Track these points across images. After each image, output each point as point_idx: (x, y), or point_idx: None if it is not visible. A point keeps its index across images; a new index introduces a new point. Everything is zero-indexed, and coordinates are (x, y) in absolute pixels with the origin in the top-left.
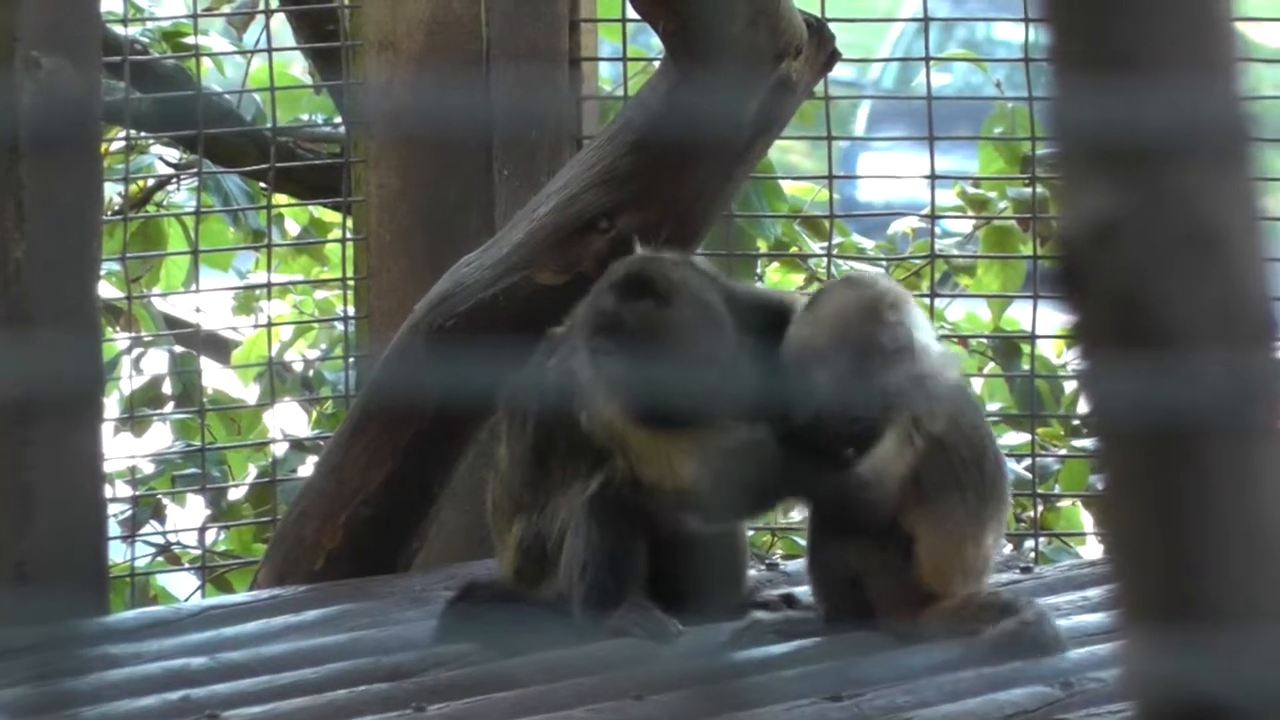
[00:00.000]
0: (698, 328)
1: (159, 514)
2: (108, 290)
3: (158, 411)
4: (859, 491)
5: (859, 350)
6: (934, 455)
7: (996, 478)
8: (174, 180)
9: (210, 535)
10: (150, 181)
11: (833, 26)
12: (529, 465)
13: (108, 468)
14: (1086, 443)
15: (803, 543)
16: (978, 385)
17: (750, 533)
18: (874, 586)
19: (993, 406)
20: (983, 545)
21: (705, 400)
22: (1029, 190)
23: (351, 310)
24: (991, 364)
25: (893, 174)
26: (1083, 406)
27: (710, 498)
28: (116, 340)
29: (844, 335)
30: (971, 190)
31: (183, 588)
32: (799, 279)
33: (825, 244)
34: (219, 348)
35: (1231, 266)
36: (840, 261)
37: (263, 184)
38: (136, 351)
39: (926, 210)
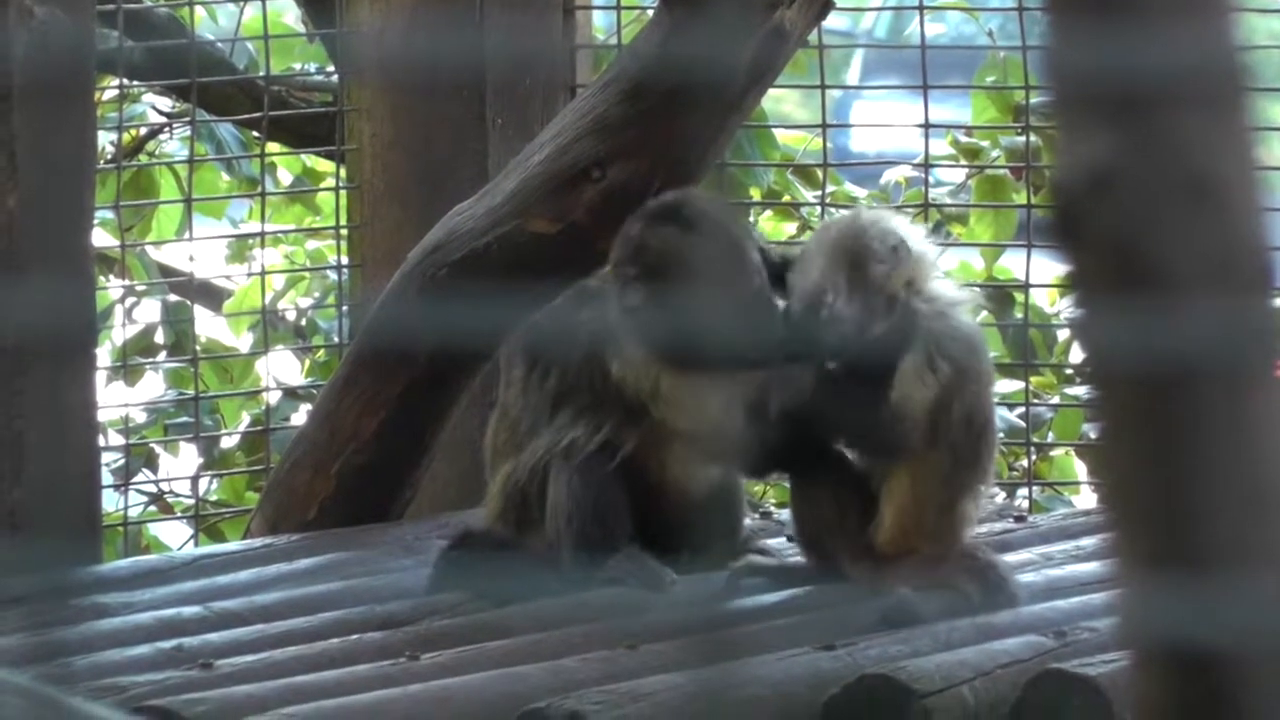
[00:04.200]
0: (721, 258)
1: (151, 463)
2: (101, 239)
3: (150, 360)
4: (891, 426)
5: (853, 262)
6: (940, 396)
7: (980, 447)
8: (167, 129)
9: (203, 484)
10: (143, 130)
11: None
12: (545, 413)
13: (100, 417)
14: (1080, 391)
15: None
16: None
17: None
18: (836, 541)
19: None
20: (953, 511)
21: (730, 335)
22: (1021, 139)
23: (344, 259)
24: (985, 313)
25: (885, 123)
26: (1076, 355)
27: (741, 442)
28: (109, 289)
29: (836, 256)
30: (964, 139)
31: (175, 537)
32: (792, 227)
33: (818, 193)
34: (212, 296)
35: (1228, 214)
36: (833, 210)
37: (255, 133)
38: (129, 300)
39: (919, 159)
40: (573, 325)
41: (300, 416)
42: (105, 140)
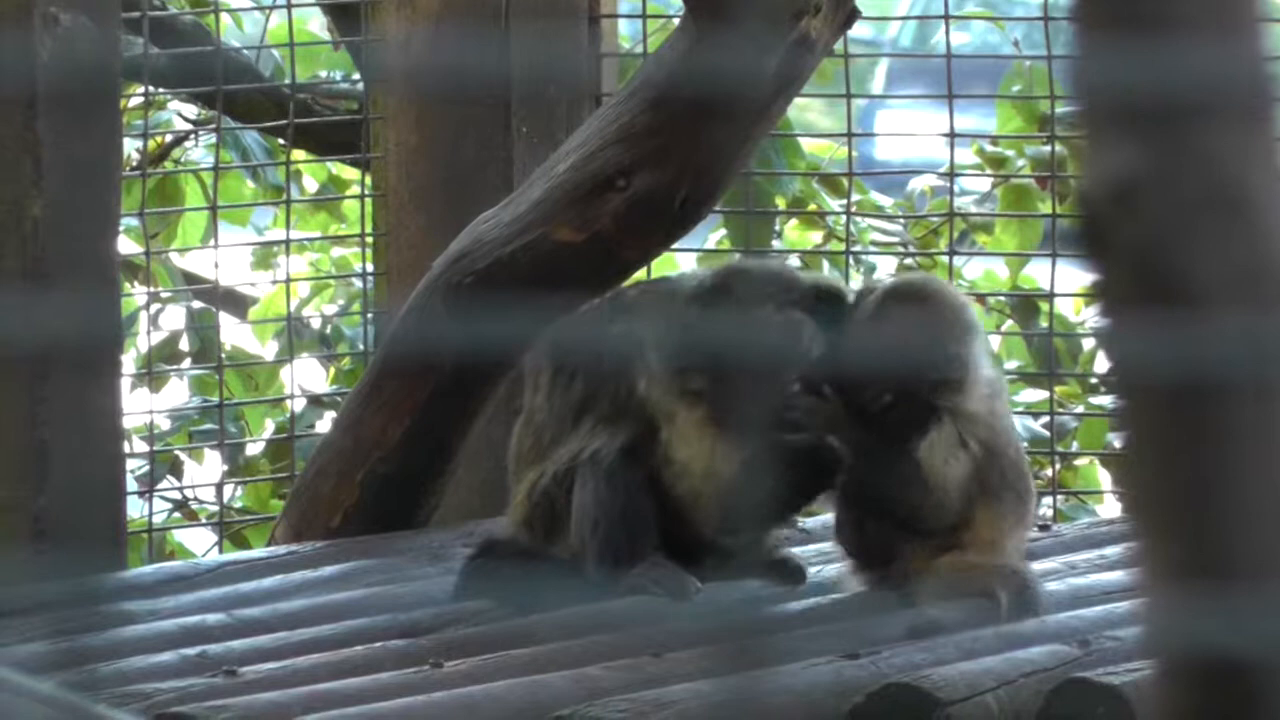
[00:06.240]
0: (773, 341)
1: (176, 470)
2: (126, 246)
3: (175, 367)
4: (927, 503)
5: (916, 371)
6: (987, 457)
7: (1026, 480)
8: (192, 136)
9: (227, 491)
10: (168, 137)
11: None
12: (568, 420)
13: (125, 424)
14: (1104, 401)
15: None
16: (995, 343)
17: None
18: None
19: (1010, 364)
20: (1022, 535)
21: (767, 403)
22: (1047, 149)
23: (369, 267)
24: (1009, 322)
25: (911, 132)
26: (1101, 364)
27: (732, 501)
28: (134, 296)
29: (894, 366)
30: (989, 148)
31: (200, 544)
32: (817, 236)
33: (843, 201)
34: (237, 304)
35: (1254, 226)
36: (858, 219)
37: (281, 140)
38: (154, 307)
39: (945, 168)
40: (603, 335)
41: (325, 424)
42: (131, 147)
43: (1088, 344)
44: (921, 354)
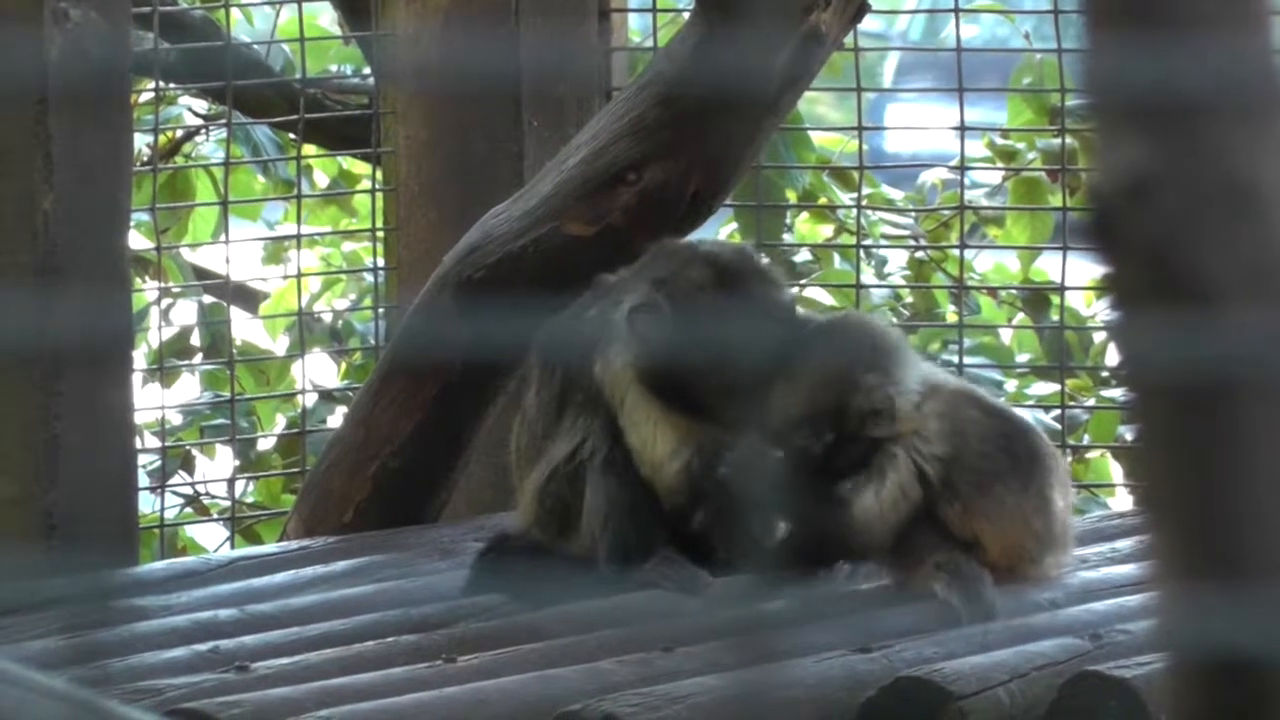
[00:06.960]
0: (759, 339)
1: (188, 465)
2: (137, 241)
3: (186, 362)
4: (847, 532)
5: (836, 416)
6: (953, 469)
7: (1034, 450)
8: (203, 131)
9: (239, 486)
10: (179, 132)
11: None
12: (553, 413)
13: (136, 419)
14: (1115, 394)
15: None
16: (1006, 336)
17: None
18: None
19: (1021, 358)
20: (1051, 514)
21: (725, 400)
22: (1058, 141)
23: (380, 261)
24: (1020, 315)
25: (921, 125)
26: (1112, 358)
27: (687, 489)
28: (145, 291)
29: (819, 401)
30: (1000, 141)
31: (211, 539)
32: (828, 230)
33: (854, 195)
34: (248, 299)
35: (1264, 222)
36: (869, 212)
37: (291, 135)
38: (165, 303)
39: (955, 161)
40: (579, 321)
41: (336, 419)
42: (141, 143)
43: (1099, 337)
44: (839, 391)
